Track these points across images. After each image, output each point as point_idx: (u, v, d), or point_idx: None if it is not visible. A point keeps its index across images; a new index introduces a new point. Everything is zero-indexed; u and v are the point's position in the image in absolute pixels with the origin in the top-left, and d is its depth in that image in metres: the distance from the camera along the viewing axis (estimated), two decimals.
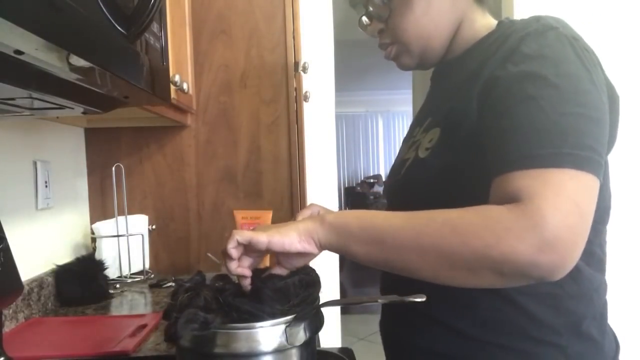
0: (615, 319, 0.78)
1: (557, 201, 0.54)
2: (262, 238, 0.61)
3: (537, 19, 0.68)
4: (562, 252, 0.53)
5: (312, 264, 0.71)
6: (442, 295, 0.66)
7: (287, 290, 0.62)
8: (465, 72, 0.75)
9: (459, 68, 0.78)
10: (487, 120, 0.65)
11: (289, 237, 0.61)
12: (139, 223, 1.51)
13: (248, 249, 0.63)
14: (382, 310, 0.87)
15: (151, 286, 1.41)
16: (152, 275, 1.50)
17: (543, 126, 0.59)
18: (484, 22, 0.79)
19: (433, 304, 0.71)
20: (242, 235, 0.62)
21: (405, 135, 0.92)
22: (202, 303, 0.59)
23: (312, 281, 0.66)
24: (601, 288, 0.73)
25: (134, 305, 1.28)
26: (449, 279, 0.58)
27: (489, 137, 0.64)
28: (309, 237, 0.62)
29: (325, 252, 0.64)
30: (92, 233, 1.45)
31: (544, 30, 0.65)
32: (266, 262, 1.23)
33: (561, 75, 0.61)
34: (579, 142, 0.57)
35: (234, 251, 0.63)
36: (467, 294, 0.66)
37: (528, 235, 0.52)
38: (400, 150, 0.91)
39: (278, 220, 1.35)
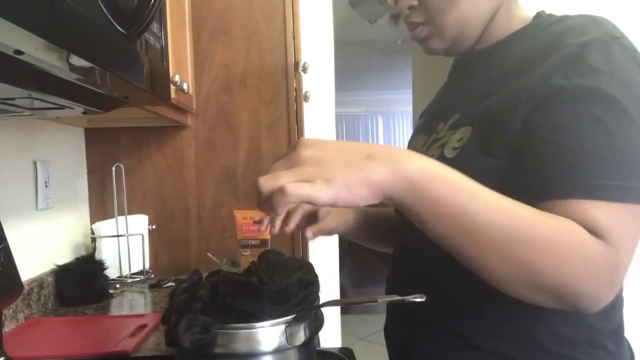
0: (630, 329, 0.76)
1: (629, 244, 0.53)
2: (324, 195, 0.47)
3: (595, 21, 0.63)
4: (616, 291, 0.54)
5: (312, 263, 0.71)
6: (459, 304, 0.65)
7: (287, 291, 0.62)
8: (502, 67, 0.69)
9: (494, 61, 0.72)
10: (540, 132, 0.59)
11: (359, 196, 0.48)
12: (139, 223, 1.51)
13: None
14: (387, 315, 0.85)
15: (151, 286, 1.41)
16: (152, 275, 1.50)
17: (611, 154, 0.55)
18: (519, 13, 0.74)
19: (445, 312, 0.69)
20: (296, 190, 0.47)
21: (418, 126, 0.87)
22: (200, 306, 0.59)
23: (310, 281, 0.66)
24: (620, 302, 0.71)
25: (134, 305, 1.28)
26: (515, 290, 0.54)
27: (541, 149, 0.59)
28: (382, 193, 0.50)
29: (326, 252, 0.63)
30: (92, 233, 1.45)
31: (608, 39, 0.61)
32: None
33: (630, 98, 0.57)
34: None
35: (282, 209, 0.49)
36: (487, 305, 0.65)
37: (608, 275, 0.52)
38: (412, 144, 0.84)
39: None
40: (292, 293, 0.62)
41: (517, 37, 0.72)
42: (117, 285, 1.40)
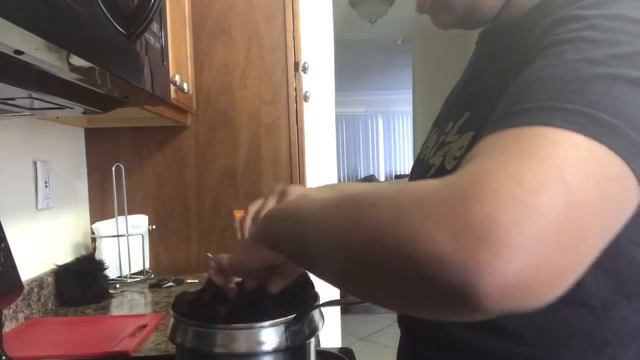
0: None
1: (522, 165, 0.32)
2: (224, 262, 0.54)
3: None
4: (512, 255, 0.29)
5: None
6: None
7: (285, 295, 0.62)
8: (510, 52, 0.54)
9: (507, 41, 0.58)
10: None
11: (242, 253, 0.52)
12: (139, 223, 1.51)
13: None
14: (401, 338, 0.74)
15: (151, 286, 1.41)
16: (152, 275, 1.50)
17: (561, 75, 0.40)
18: None
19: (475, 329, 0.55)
20: (214, 262, 0.56)
21: (437, 116, 0.75)
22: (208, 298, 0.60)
23: (304, 281, 0.66)
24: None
25: (134, 305, 1.28)
26: (365, 293, 0.39)
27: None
28: (258, 243, 0.50)
29: None
30: (92, 233, 1.45)
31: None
32: None
33: (611, 17, 0.43)
34: (599, 102, 0.37)
35: (217, 278, 0.59)
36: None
37: (450, 217, 0.31)
38: (427, 140, 0.73)
39: None
40: (289, 296, 0.62)
41: (532, 13, 0.57)
42: (117, 285, 1.40)
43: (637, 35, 0.41)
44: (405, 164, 7.54)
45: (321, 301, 0.66)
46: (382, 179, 7.29)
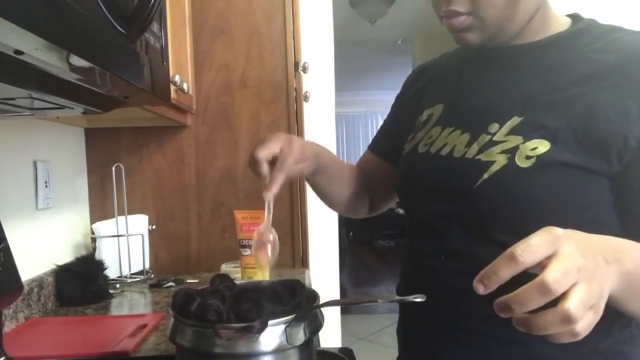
0: None
1: None
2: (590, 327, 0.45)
3: None
4: None
5: (312, 263, 0.71)
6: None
7: (281, 298, 0.63)
8: (560, 71, 0.69)
9: (542, 60, 0.71)
10: None
11: (599, 291, 0.46)
12: (139, 223, 1.51)
13: None
14: (400, 316, 0.83)
15: (151, 286, 1.41)
16: (152, 275, 1.50)
17: None
18: (553, 14, 0.74)
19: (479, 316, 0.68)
20: (585, 332, 0.44)
21: (442, 117, 0.80)
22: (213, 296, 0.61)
23: (294, 284, 0.66)
24: None
25: (134, 305, 1.28)
26: None
27: None
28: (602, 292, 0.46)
29: (326, 252, 0.63)
30: (92, 233, 1.45)
31: None
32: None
33: None
34: None
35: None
36: None
37: None
38: (439, 136, 0.77)
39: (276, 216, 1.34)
40: (285, 299, 0.63)
41: (565, 39, 0.71)
42: (117, 285, 1.40)
43: None
44: None
45: (321, 301, 0.66)
46: None
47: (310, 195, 1.71)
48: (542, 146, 0.65)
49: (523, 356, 0.68)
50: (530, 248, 0.43)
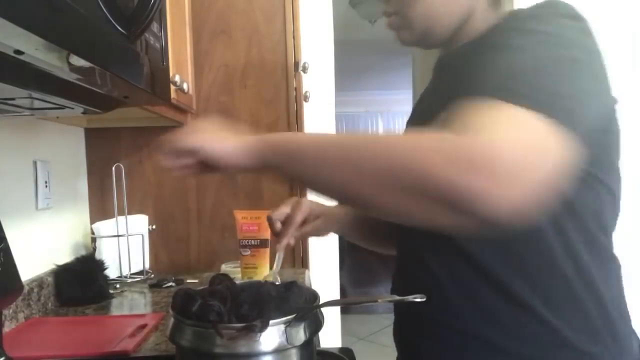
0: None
1: (504, 134, 0.50)
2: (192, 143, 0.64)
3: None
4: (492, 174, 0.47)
5: (312, 263, 0.71)
6: (475, 306, 0.66)
7: (280, 299, 0.63)
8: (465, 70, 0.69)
9: (459, 62, 0.72)
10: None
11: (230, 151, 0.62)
12: (139, 223, 1.51)
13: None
14: (397, 320, 0.83)
15: (151, 286, 1.41)
16: (152, 275, 1.50)
17: (517, 68, 0.56)
18: (499, 14, 0.74)
19: (459, 313, 0.69)
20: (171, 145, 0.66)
21: (407, 126, 0.85)
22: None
23: (292, 287, 0.67)
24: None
25: (134, 305, 1.28)
26: (388, 206, 0.54)
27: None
28: (253, 156, 0.61)
29: (326, 252, 0.64)
30: (92, 233, 1.45)
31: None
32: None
33: (552, 32, 0.59)
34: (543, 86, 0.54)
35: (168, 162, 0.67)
36: (502, 304, 0.65)
37: (470, 159, 0.48)
38: None
39: None
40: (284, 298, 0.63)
41: (484, 37, 0.71)
42: (117, 285, 1.40)
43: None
44: None
45: (321, 301, 0.66)
46: None
47: (311, 195, 1.71)
48: None
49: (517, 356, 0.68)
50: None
